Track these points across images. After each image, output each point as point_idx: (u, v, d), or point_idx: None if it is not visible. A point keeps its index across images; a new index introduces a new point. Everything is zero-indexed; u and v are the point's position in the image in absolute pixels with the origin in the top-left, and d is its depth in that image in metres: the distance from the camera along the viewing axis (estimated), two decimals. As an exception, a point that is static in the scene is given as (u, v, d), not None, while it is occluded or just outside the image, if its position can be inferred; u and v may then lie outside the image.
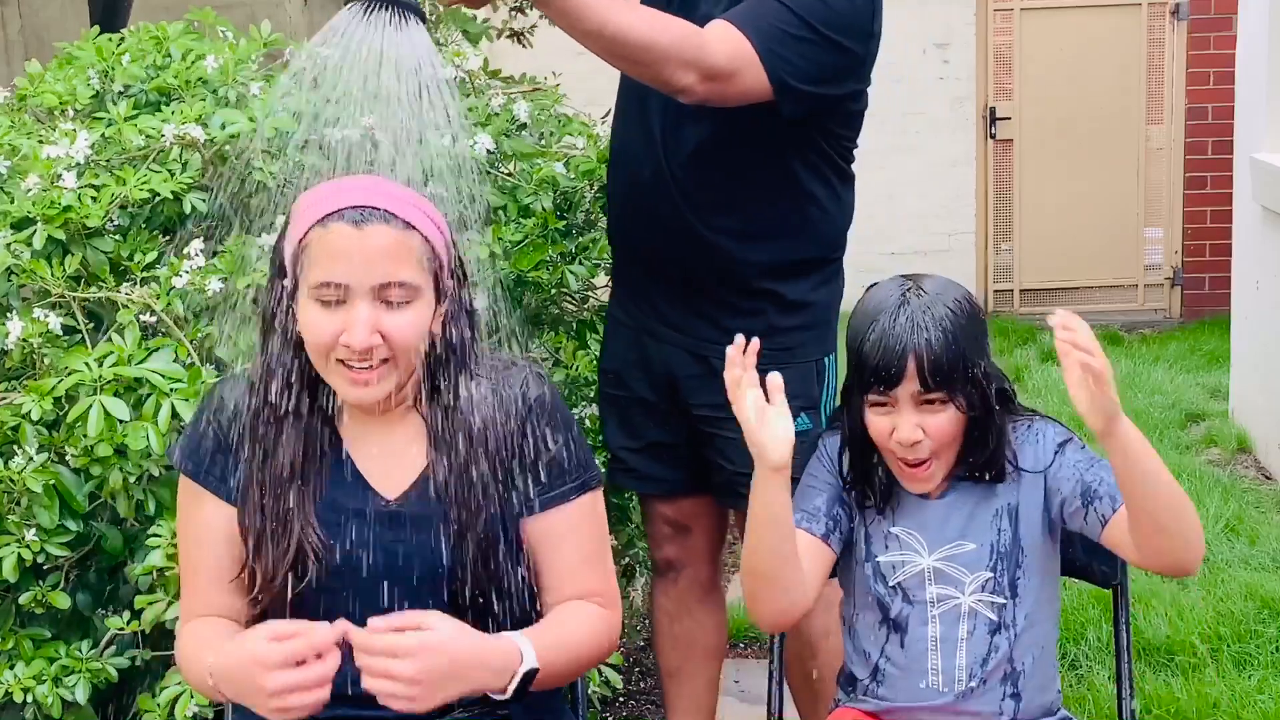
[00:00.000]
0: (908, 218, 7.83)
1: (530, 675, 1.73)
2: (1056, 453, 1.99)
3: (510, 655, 1.74)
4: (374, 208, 1.75)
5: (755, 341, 1.87)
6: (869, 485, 2.01)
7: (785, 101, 2.30)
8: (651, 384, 2.58)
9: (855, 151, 2.57)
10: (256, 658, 1.65)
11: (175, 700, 2.17)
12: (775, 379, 1.86)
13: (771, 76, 2.27)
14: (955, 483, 2.00)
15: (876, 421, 1.95)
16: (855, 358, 1.95)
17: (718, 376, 2.43)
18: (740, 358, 1.85)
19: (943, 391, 1.90)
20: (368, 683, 1.64)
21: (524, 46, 5.67)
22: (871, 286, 2.01)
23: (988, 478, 1.98)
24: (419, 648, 1.64)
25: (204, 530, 1.86)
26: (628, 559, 3.26)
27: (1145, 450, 1.77)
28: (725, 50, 2.24)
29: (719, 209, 2.45)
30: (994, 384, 1.96)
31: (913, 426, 1.91)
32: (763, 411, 1.85)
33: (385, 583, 1.82)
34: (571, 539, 1.89)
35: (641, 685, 3.49)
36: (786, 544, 1.92)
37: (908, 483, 1.99)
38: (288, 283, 1.80)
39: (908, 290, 1.94)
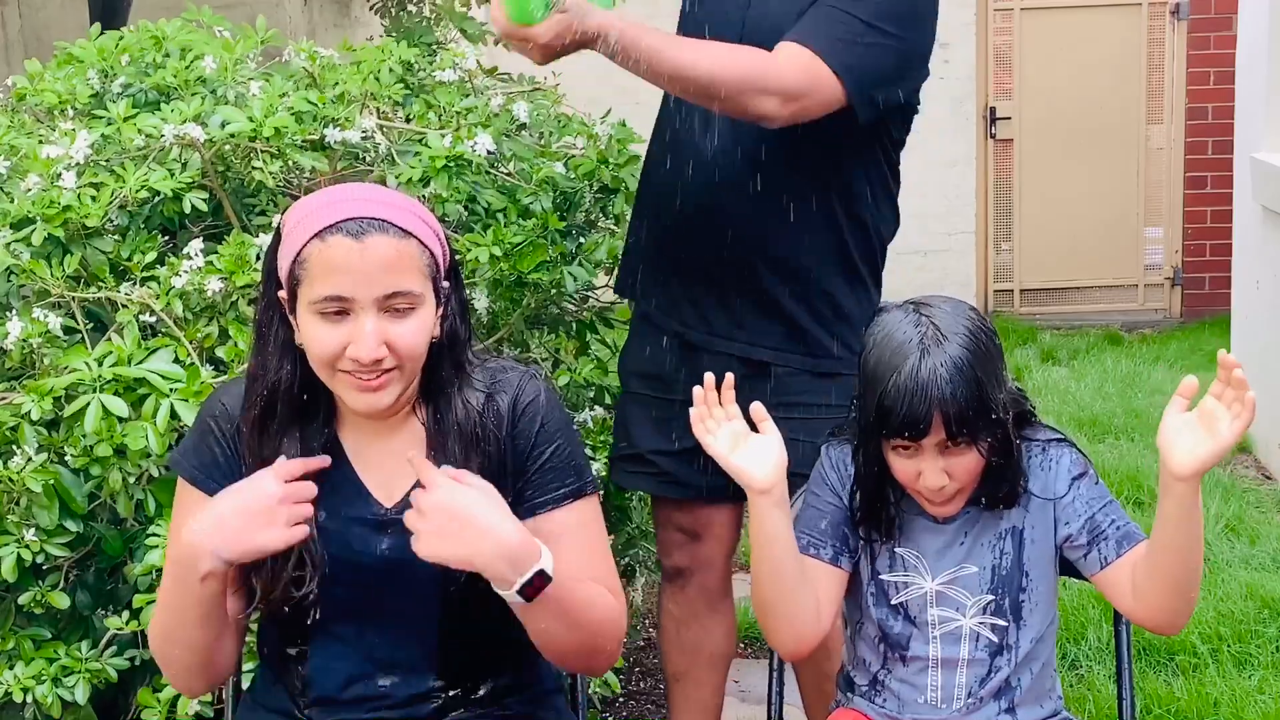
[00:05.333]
0: (907, 217, 7.62)
1: (540, 577, 1.69)
2: (1071, 484, 1.97)
3: (530, 553, 1.70)
4: (371, 218, 1.73)
5: (729, 377, 1.92)
6: (878, 520, 1.99)
7: (861, 108, 2.34)
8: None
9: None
10: (261, 474, 1.76)
11: (176, 698, 2.17)
12: (757, 408, 1.90)
13: (846, 84, 2.31)
14: (965, 507, 1.99)
15: (901, 465, 1.93)
16: (876, 405, 1.88)
17: (771, 377, 2.44)
18: (709, 395, 1.91)
19: (968, 438, 1.88)
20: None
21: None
22: (880, 311, 1.97)
23: (1000, 505, 1.97)
24: (443, 488, 1.69)
25: None
26: (628, 559, 3.25)
27: (1200, 512, 1.80)
28: (796, 70, 2.28)
29: (778, 221, 2.44)
30: (1012, 412, 1.94)
31: (938, 472, 1.90)
32: (739, 440, 1.90)
33: (384, 589, 1.82)
34: (563, 543, 1.85)
35: (641, 685, 3.48)
36: (788, 568, 1.91)
37: (930, 508, 1.98)
38: (284, 295, 1.78)
39: (925, 335, 1.87)
